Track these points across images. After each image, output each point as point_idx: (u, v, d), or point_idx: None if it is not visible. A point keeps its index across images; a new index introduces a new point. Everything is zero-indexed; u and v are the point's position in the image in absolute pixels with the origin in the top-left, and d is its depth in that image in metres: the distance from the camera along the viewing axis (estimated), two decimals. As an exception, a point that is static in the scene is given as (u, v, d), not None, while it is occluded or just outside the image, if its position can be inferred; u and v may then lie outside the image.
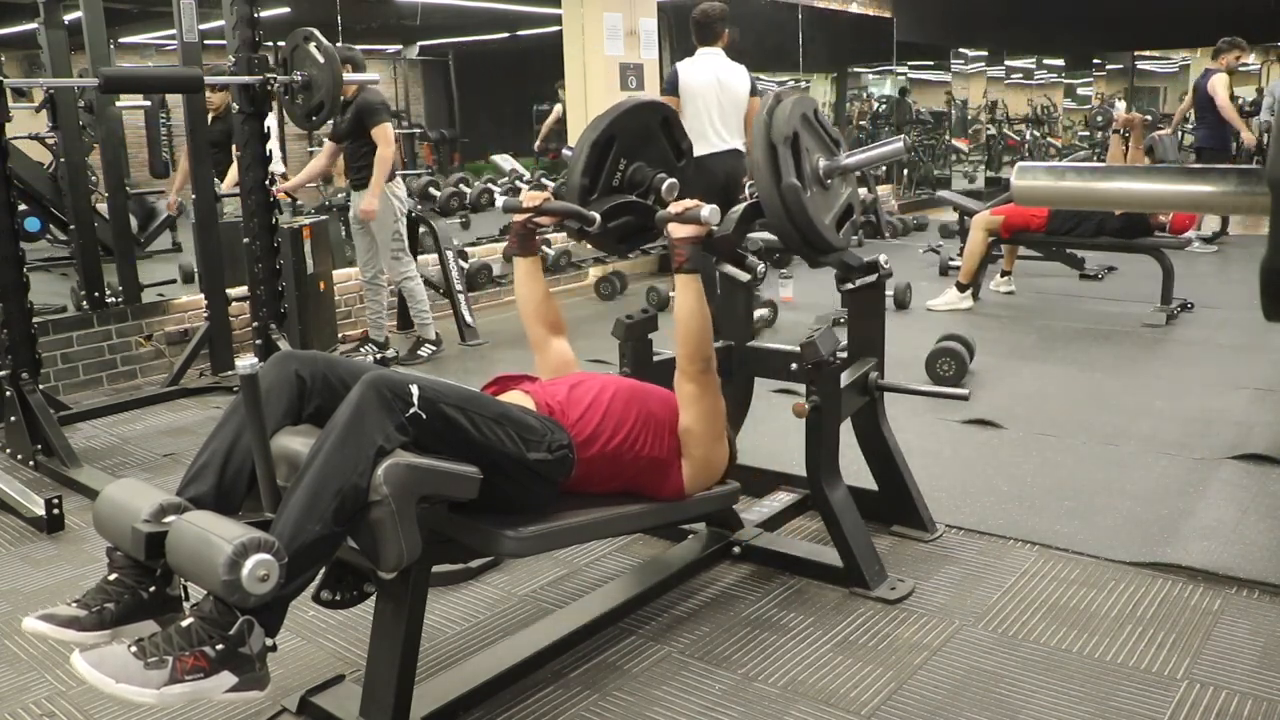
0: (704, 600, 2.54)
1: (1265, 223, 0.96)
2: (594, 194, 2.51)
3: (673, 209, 2.25)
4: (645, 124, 2.58)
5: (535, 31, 10.58)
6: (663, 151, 2.64)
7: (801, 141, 2.30)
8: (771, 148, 2.25)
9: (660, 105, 2.66)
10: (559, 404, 2.14)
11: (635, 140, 2.56)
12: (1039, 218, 5.79)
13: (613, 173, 2.53)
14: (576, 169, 2.49)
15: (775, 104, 2.33)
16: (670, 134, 2.64)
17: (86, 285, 4.86)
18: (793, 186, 2.24)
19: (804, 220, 2.29)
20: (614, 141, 2.51)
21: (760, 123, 2.29)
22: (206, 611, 1.58)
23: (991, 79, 14.70)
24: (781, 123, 2.26)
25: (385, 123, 4.86)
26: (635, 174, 2.57)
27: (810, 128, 2.37)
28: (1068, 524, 2.89)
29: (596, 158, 2.50)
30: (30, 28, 4.74)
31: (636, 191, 2.57)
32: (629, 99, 2.58)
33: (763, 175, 2.26)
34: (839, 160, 2.39)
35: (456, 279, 5.53)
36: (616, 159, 2.52)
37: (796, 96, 2.35)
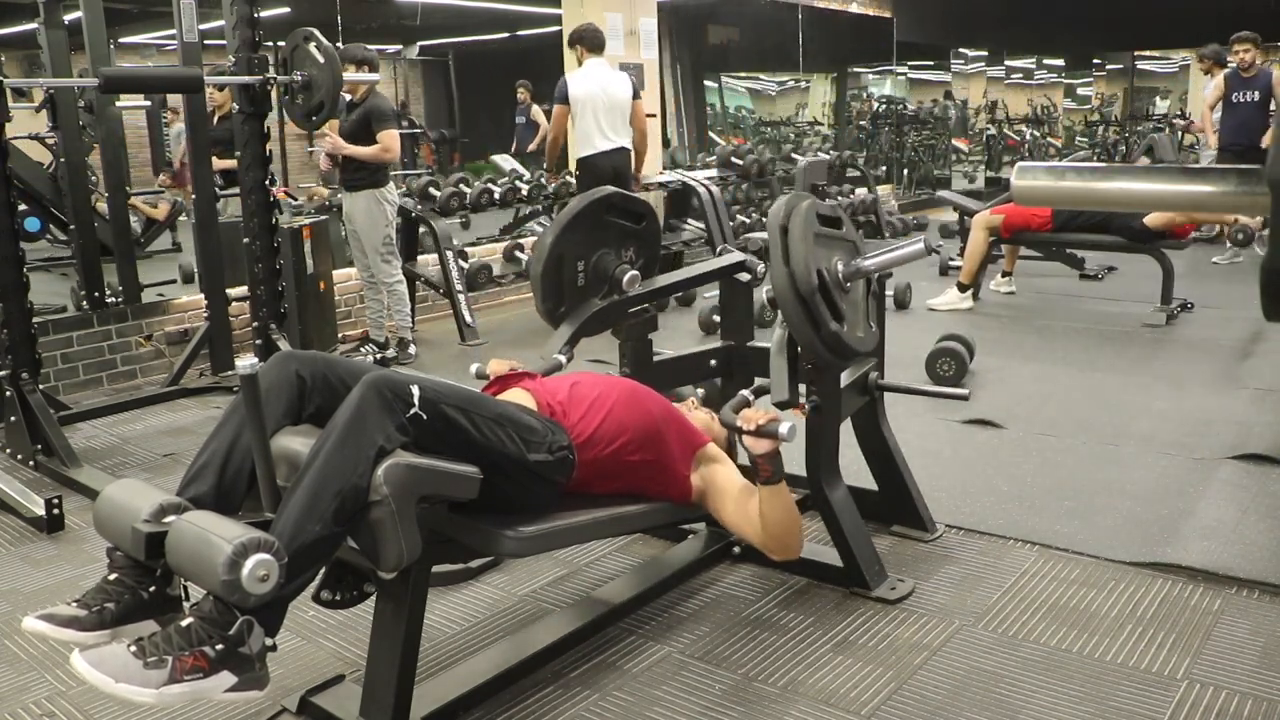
0: (704, 600, 2.54)
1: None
2: (562, 308, 2.59)
3: (744, 423, 2.14)
4: (592, 221, 2.61)
5: (535, 31, 10.60)
6: (619, 229, 2.67)
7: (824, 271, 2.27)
8: (802, 301, 2.21)
9: (603, 196, 2.65)
10: (560, 404, 2.14)
11: (588, 240, 2.60)
12: (1039, 217, 5.78)
13: (574, 277, 2.59)
14: (538, 297, 2.56)
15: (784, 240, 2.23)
16: (621, 212, 2.67)
17: (86, 285, 4.86)
18: (834, 334, 2.24)
19: (845, 351, 2.32)
20: (563, 258, 2.56)
21: (782, 275, 2.21)
22: (206, 611, 1.58)
23: (991, 79, 14.71)
24: (801, 269, 2.20)
25: (392, 129, 4.87)
26: (599, 266, 2.63)
27: (822, 240, 2.33)
28: (1068, 524, 2.89)
29: (552, 280, 2.55)
30: (30, 28, 4.74)
31: (605, 283, 2.63)
32: (564, 211, 2.59)
33: (801, 329, 2.23)
34: (858, 266, 2.36)
35: (456, 279, 5.53)
36: (574, 264, 2.58)
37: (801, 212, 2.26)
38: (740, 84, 12.70)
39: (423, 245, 5.83)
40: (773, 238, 2.25)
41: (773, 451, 2.15)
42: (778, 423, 2.12)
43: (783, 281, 2.22)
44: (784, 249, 2.23)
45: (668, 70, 10.32)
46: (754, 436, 2.13)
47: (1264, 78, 7.13)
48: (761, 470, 2.17)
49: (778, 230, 2.26)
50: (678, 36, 10.78)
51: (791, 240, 2.23)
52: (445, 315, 5.85)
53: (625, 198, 2.70)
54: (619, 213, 2.66)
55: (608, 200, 2.64)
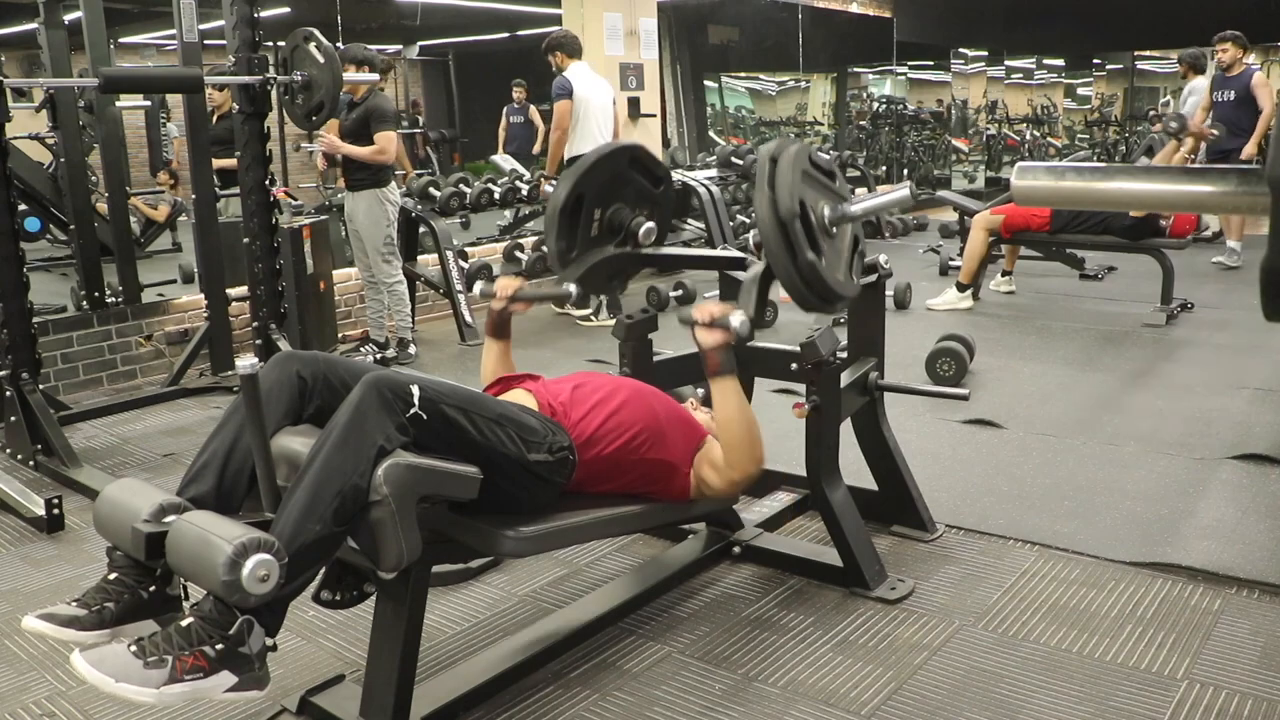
0: (704, 600, 2.54)
1: (1265, 222, 0.96)
2: (573, 251, 2.55)
3: (697, 315, 2.18)
4: (613, 171, 2.58)
5: (535, 31, 10.58)
6: (638, 186, 2.64)
7: (807, 204, 2.27)
8: (781, 225, 2.19)
9: (628, 147, 2.63)
10: (561, 404, 2.13)
11: (607, 189, 2.57)
12: (1039, 217, 5.78)
13: (589, 224, 2.56)
14: (550, 235, 2.52)
15: (772, 169, 2.23)
16: (642, 168, 2.65)
17: (86, 285, 4.86)
18: (810, 263, 2.21)
19: (822, 287, 2.28)
20: (582, 200, 2.53)
21: (764, 197, 2.21)
22: (206, 611, 1.58)
23: (991, 79, 14.71)
24: (785, 195, 2.19)
25: (390, 130, 4.87)
26: (613, 218, 2.59)
27: (810, 180, 2.31)
28: (1068, 524, 2.89)
29: (568, 220, 2.52)
30: (30, 28, 4.74)
31: (618, 236, 2.60)
32: (592, 152, 2.57)
33: (777, 253, 2.20)
34: (844, 210, 2.35)
35: (456, 279, 5.53)
36: (590, 211, 2.55)
37: (792, 150, 2.27)
38: (740, 84, 12.70)
39: (423, 245, 5.83)
40: (760, 165, 2.25)
41: (723, 343, 2.18)
42: (729, 315, 2.16)
43: (764, 206, 2.20)
44: (770, 175, 2.22)
45: (668, 70, 10.32)
46: (706, 328, 2.17)
47: (1244, 78, 7.02)
48: (710, 363, 2.19)
49: (767, 158, 2.25)
50: (678, 36, 10.77)
51: (779, 169, 2.22)
52: (445, 315, 5.86)
53: (649, 156, 2.67)
54: (640, 170, 2.64)
55: (633, 153, 2.63)
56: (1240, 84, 7.00)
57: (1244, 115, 6.97)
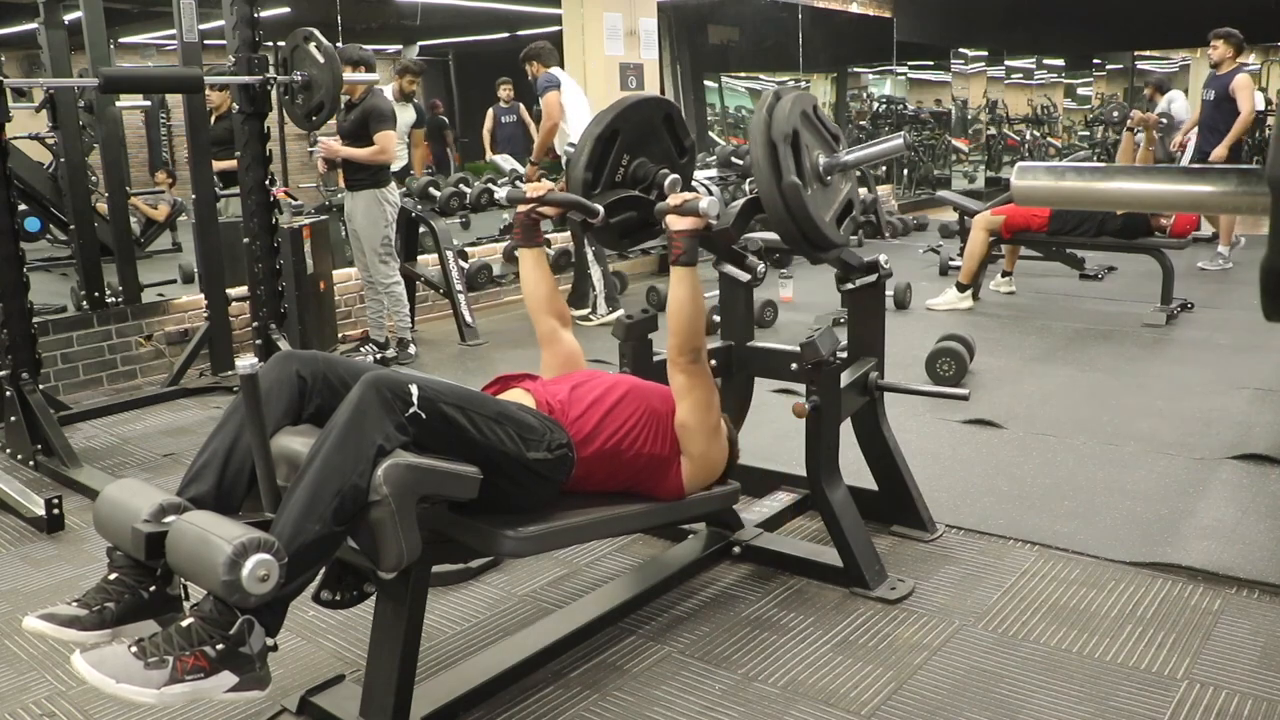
0: (704, 600, 2.54)
1: (1265, 222, 0.96)
2: (597, 188, 2.52)
3: (670, 201, 2.24)
4: (649, 120, 2.58)
5: (535, 31, 10.58)
6: (665, 147, 2.64)
7: (801, 139, 2.29)
8: (771, 145, 2.23)
9: (664, 101, 2.65)
10: (560, 403, 2.13)
11: (638, 136, 2.56)
12: (1039, 217, 5.79)
13: (615, 168, 2.53)
14: (580, 162, 2.49)
15: (774, 101, 2.30)
16: (673, 130, 2.64)
17: (86, 285, 4.86)
18: (793, 184, 2.23)
19: (804, 218, 2.28)
20: (617, 136, 2.51)
21: (759, 121, 2.26)
22: (206, 611, 1.58)
23: (991, 79, 14.71)
24: (781, 120, 2.24)
25: (389, 130, 4.87)
26: (638, 169, 2.57)
27: (810, 124, 2.36)
28: (1068, 524, 2.89)
29: (600, 152, 2.50)
30: (30, 28, 4.74)
31: (639, 187, 2.57)
32: (633, 95, 2.57)
33: (763, 173, 2.25)
34: (839, 157, 2.38)
35: (456, 279, 5.53)
36: (619, 154, 2.52)
37: (796, 93, 2.34)
38: (740, 84, 12.70)
39: (423, 245, 5.83)
40: (764, 97, 2.29)
41: (691, 231, 2.20)
42: (699, 199, 2.18)
43: (758, 126, 2.25)
44: (769, 105, 2.27)
45: (668, 70, 10.32)
46: (677, 214, 2.20)
47: (1226, 79, 6.77)
48: (674, 248, 2.21)
49: (771, 93, 2.30)
50: (678, 36, 10.77)
51: (780, 100, 2.28)
52: (445, 315, 5.86)
53: (681, 119, 2.68)
54: (671, 131, 2.65)
55: (668, 109, 2.64)
56: (1222, 84, 6.79)
57: (1220, 116, 6.80)
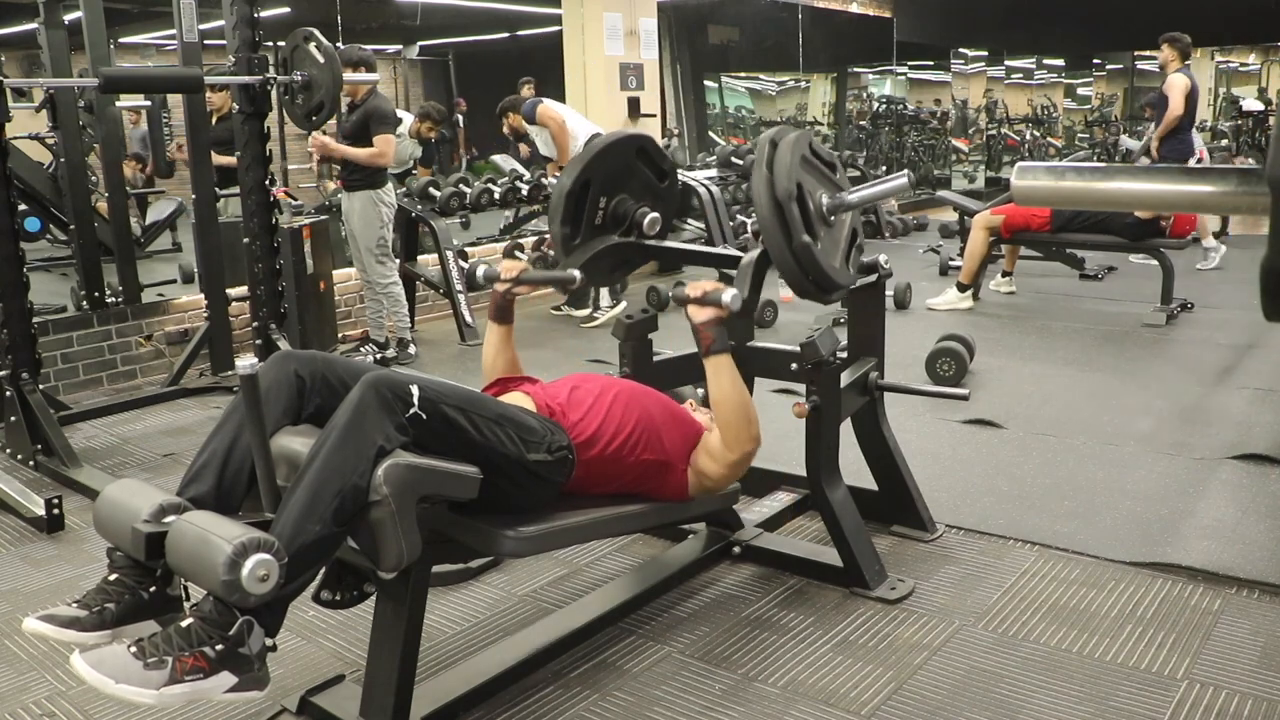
0: (704, 600, 2.54)
1: (1265, 222, 0.96)
2: (576, 239, 2.55)
3: (690, 292, 2.18)
4: (622, 160, 2.58)
5: (535, 31, 10.59)
6: (644, 179, 2.64)
7: (804, 188, 2.26)
8: (777, 205, 2.20)
9: (635, 137, 2.63)
10: (560, 405, 2.13)
11: (614, 177, 2.57)
12: (1039, 217, 5.78)
13: (594, 212, 2.55)
14: (555, 219, 2.52)
15: (771, 152, 2.24)
16: (649, 161, 2.64)
17: (86, 285, 4.86)
18: (805, 245, 2.21)
19: (817, 271, 2.28)
20: (589, 185, 2.52)
21: (761, 179, 2.21)
22: (206, 611, 1.58)
23: (991, 79, 14.71)
24: (783, 177, 2.19)
25: (389, 134, 4.87)
26: (618, 208, 2.59)
27: (809, 167, 2.32)
28: (1068, 524, 2.89)
29: (573, 205, 2.52)
30: (30, 28, 4.74)
31: (621, 226, 2.59)
32: (603, 139, 2.57)
33: (772, 234, 2.22)
34: (842, 198, 2.35)
35: (456, 279, 5.53)
36: (596, 199, 2.54)
37: (792, 137, 2.28)
38: (740, 84, 12.70)
39: (423, 245, 5.83)
40: (760, 147, 2.25)
41: (715, 319, 2.17)
42: (721, 291, 2.15)
43: (762, 186, 2.21)
44: (769, 157, 2.23)
45: (668, 70, 10.32)
46: (698, 304, 2.17)
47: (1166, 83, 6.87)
48: (703, 339, 2.19)
49: (767, 141, 2.26)
50: (678, 36, 10.77)
51: (779, 152, 2.23)
52: (445, 315, 5.86)
53: (657, 149, 2.67)
54: (648, 162, 2.64)
55: (641, 143, 2.63)
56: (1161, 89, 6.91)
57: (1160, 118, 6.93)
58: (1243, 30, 6.99)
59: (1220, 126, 12.89)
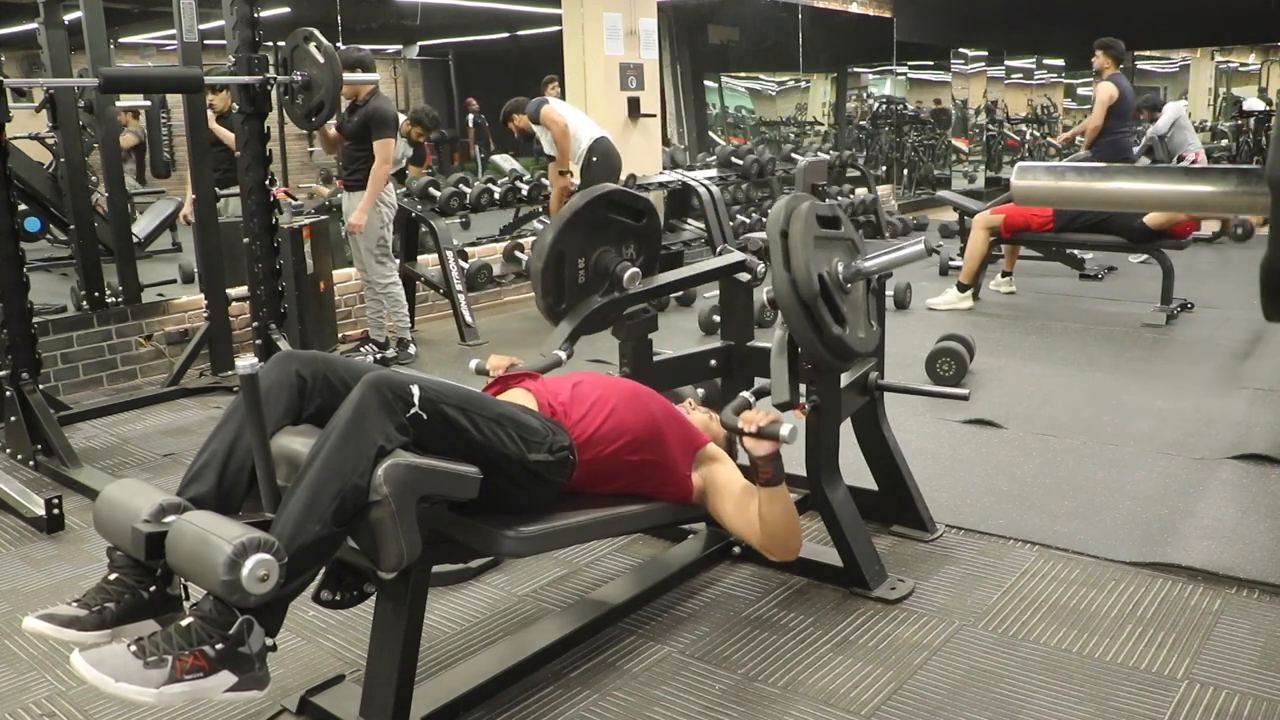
0: (704, 600, 2.54)
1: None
2: (562, 304, 2.57)
3: (744, 425, 2.13)
4: (592, 217, 2.59)
5: (535, 31, 10.59)
6: (620, 226, 2.65)
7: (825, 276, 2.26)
8: (805, 307, 2.22)
9: (604, 193, 2.63)
10: (561, 404, 2.13)
11: (588, 236, 2.58)
12: (1040, 217, 5.79)
13: (574, 273, 2.57)
14: (538, 293, 2.54)
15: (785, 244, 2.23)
16: (621, 209, 2.65)
17: (86, 285, 4.86)
18: (836, 338, 2.25)
19: (847, 353, 2.32)
20: (564, 255, 2.54)
21: (783, 280, 2.21)
22: (206, 611, 1.58)
23: (991, 79, 14.71)
24: (803, 274, 2.20)
25: (389, 139, 4.86)
26: (599, 262, 2.61)
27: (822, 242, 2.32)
28: (1068, 524, 2.89)
29: (553, 278, 2.54)
30: (30, 28, 4.74)
31: (605, 281, 2.61)
32: (567, 207, 2.57)
33: (804, 334, 2.24)
34: (858, 267, 2.35)
35: (456, 279, 5.53)
36: (574, 262, 2.56)
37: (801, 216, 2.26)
38: (740, 84, 12.70)
39: (423, 245, 5.83)
40: (773, 242, 2.26)
41: (774, 454, 2.14)
42: (779, 424, 2.11)
43: (784, 287, 2.22)
44: (784, 253, 2.23)
45: (668, 70, 10.32)
46: (755, 439, 2.12)
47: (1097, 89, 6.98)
48: (761, 473, 2.16)
49: (778, 235, 2.26)
50: (678, 36, 10.78)
51: (792, 245, 2.23)
52: (445, 315, 5.85)
53: (625, 194, 2.69)
54: (620, 209, 2.65)
55: (608, 197, 2.63)
56: None
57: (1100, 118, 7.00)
58: (1243, 30, 6.98)
59: (1220, 126, 12.89)
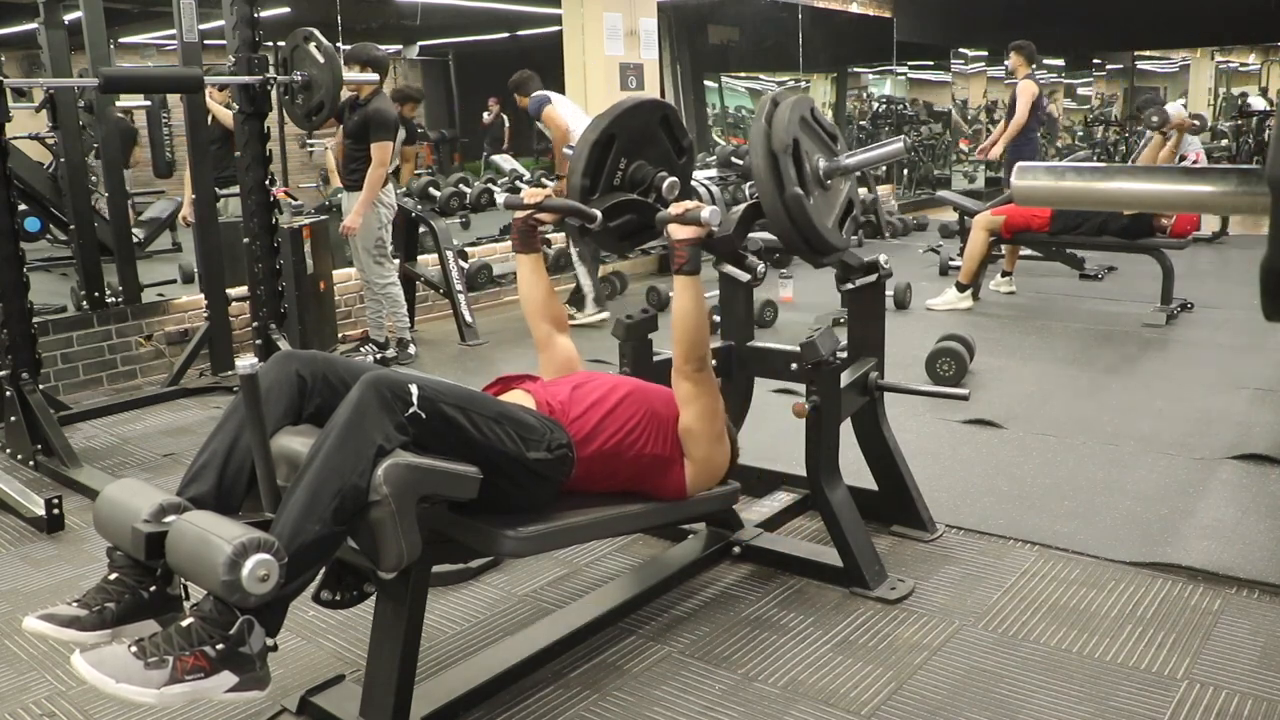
0: (704, 600, 2.54)
1: (1265, 222, 0.96)
2: (595, 193, 2.52)
3: (673, 210, 2.24)
4: (646, 123, 2.58)
5: (535, 31, 10.59)
6: (664, 149, 2.63)
7: (801, 146, 2.29)
8: (772, 156, 2.23)
9: (661, 104, 2.65)
10: (560, 403, 2.13)
11: (636, 139, 2.56)
12: (1040, 217, 5.79)
13: (613, 172, 2.53)
14: (577, 169, 2.49)
15: (772, 109, 2.29)
16: (671, 132, 2.64)
17: (86, 285, 4.85)
18: (796, 196, 2.24)
19: (808, 226, 2.29)
20: (614, 140, 2.51)
21: (759, 131, 2.26)
22: (207, 611, 1.58)
23: (991, 79, 14.71)
24: (780, 130, 2.24)
25: (388, 141, 4.85)
26: (636, 172, 2.57)
27: (808, 128, 2.36)
28: (1068, 524, 2.89)
29: (597, 157, 2.50)
30: (30, 28, 4.74)
31: (638, 190, 2.57)
32: (629, 98, 2.57)
33: (765, 184, 2.25)
34: (839, 161, 2.38)
35: (456, 279, 5.53)
36: (617, 158, 2.52)
37: (793, 98, 2.33)
38: (740, 84, 12.70)
39: (423, 245, 5.83)
40: (761, 105, 2.29)
41: (694, 239, 2.21)
42: (701, 209, 2.19)
43: (758, 138, 2.26)
44: (768, 113, 2.27)
45: (668, 70, 10.31)
46: (678, 222, 2.21)
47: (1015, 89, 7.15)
48: (678, 257, 2.22)
49: (769, 100, 2.30)
50: (678, 36, 10.77)
51: (779, 109, 2.27)
52: (445, 315, 5.85)
53: (679, 119, 2.68)
54: (669, 132, 2.64)
55: (665, 111, 2.63)
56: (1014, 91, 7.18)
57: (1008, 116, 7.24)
58: (1243, 30, 6.97)
59: (1220, 126, 12.89)
